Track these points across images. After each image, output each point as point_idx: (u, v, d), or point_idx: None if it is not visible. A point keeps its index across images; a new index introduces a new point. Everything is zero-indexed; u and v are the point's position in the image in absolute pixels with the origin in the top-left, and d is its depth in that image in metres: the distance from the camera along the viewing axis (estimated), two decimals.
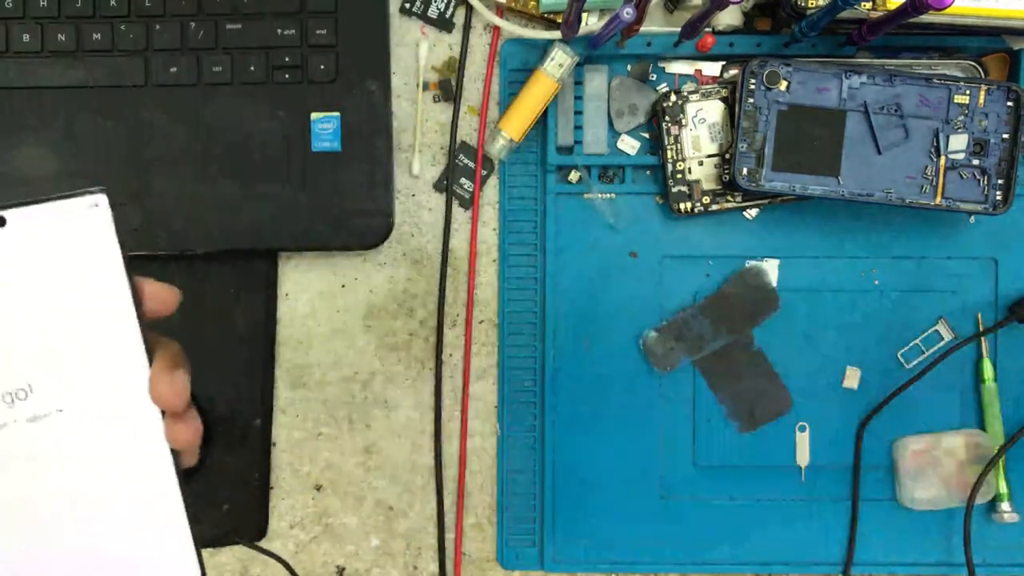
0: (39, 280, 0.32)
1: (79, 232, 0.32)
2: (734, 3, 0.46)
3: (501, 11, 0.57)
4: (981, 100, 0.54)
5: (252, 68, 0.55)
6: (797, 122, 0.54)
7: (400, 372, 0.59)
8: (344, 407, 0.59)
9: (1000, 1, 0.52)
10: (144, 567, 0.33)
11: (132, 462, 0.33)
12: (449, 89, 0.58)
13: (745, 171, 0.54)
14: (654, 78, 0.58)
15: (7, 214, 0.31)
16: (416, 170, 0.58)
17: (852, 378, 0.58)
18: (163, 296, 0.33)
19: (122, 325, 0.32)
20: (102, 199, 0.32)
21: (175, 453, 0.33)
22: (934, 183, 0.54)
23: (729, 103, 0.56)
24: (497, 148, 0.56)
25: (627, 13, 0.45)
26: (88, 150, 0.55)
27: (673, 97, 0.56)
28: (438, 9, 0.58)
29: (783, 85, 0.54)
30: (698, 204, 0.57)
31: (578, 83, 0.57)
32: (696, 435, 0.58)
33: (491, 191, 0.59)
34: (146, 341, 0.32)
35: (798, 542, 0.58)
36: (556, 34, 0.56)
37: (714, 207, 0.57)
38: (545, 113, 0.57)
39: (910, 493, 0.57)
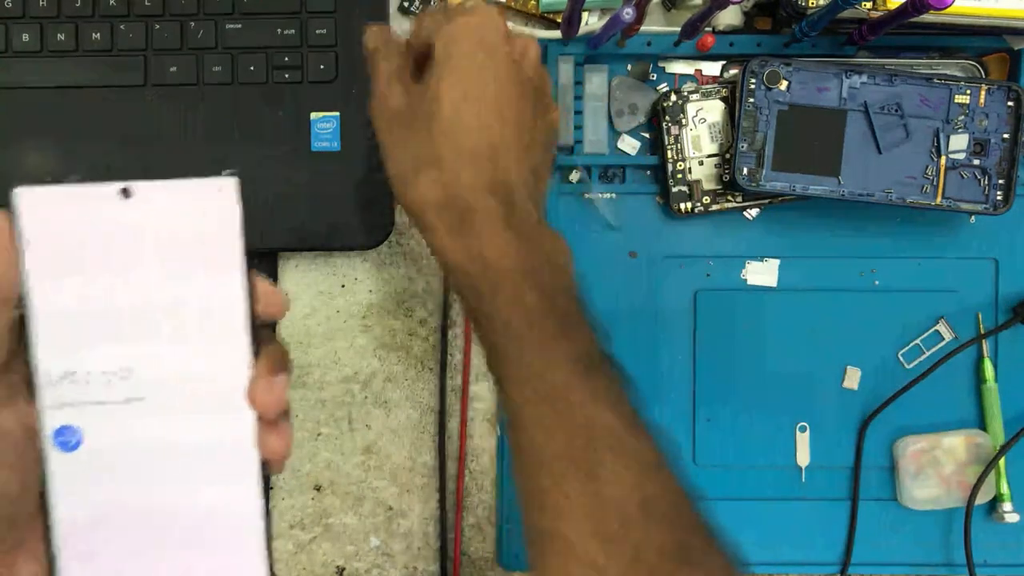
0: (156, 259, 0.31)
1: (203, 215, 0.31)
2: (734, 3, 0.46)
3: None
4: (982, 100, 0.54)
5: (252, 68, 0.55)
6: (797, 122, 0.54)
7: (400, 372, 0.59)
8: (344, 407, 0.59)
9: (1000, 1, 0.52)
10: (216, 564, 0.32)
11: (219, 462, 0.32)
12: None
13: (745, 171, 0.54)
14: (654, 78, 0.58)
15: (135, 186, 0.30)
16: None
17: (852, 378, 0.58)
18: (275, 300, 0.32)
19: (232, 317, 0.31)
20: (230, 183, 0.31)
21: (264, 462, 0.32)
22: (934, 183, 0.54)
23: (729, 103, 0.56)
24: None
25: (627, 13, 0.45)
26: (87, 150, 0.55)
27: (673, 97, 0.56)
28: None
29: (783, 85, 0.54)
30: (698, 204, 0.57)
31: (578, 83, 0.57)
32: (696, 435, 0.58)
33: None
34: (254, 340, 0.31)
35: (798, 542, 0.58)
36: (556, 34, 0.55)
37: (714, 207, 0.57)
38: None
39: (910, 493, 0.57)
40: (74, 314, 0.30)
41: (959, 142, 0.54)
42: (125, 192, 0.30)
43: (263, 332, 0.32)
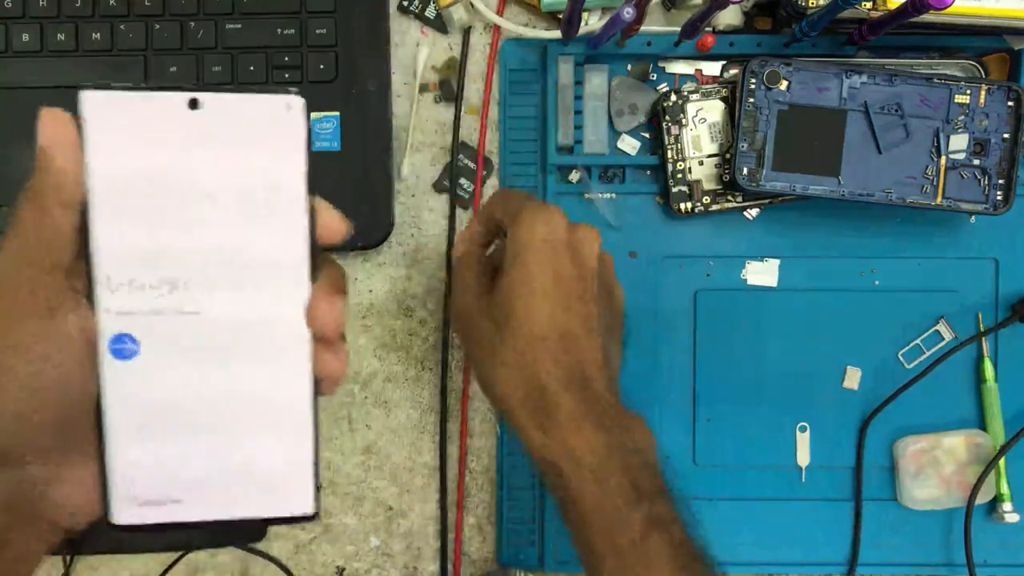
0: (221, 171, 0.30)
1: (270, 129, 0.31)
2: (734, 3, 0.46)
3: (503, 4, 0.58)
4: (982, 100, 0.54)
5: (252, 68, 0.55)
6: (797, 122, 0.54)
7: (400, 372, 0.59)
8: (344, 407, 0.59)
9: (1000, 1, 0.52)
10: (265, 485, 0.32)
11: (274, 379, 0.32)
12: (449, 89, 0.58)
13: (745, 171, 0.54)
14: (654, 78, 0.58)
15: (203, 97, 0.30)
16: (405, 172, 0.58)
17: (852, 378, 0.58)
18: (336, 224, 0.32)
19: (294, 234, 0.31)
20: (298, 101, 0.31)
21: (317, 381, 0.32)
22: (935, 183, 0.54)
23: (729, 103, 0.56)
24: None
25: (627, 13, 0.45)
26: None
27: (673, 97, 0.56)
28: (436, 9, 0.58)
29: (783, 85, 0.54)
30: (698, 204, 0.57)
31: (578, 83, 0.57)
32: (696, 435, 0.58)
33: (491, 191, 0.59)
34: (313, 259, 0.31)
35: (798, 542, 0.58)
36: (556, 33, 0.56)
37: (714, 207, 0.57)
38: (545, 113, 0.57)
39: (910, 493, 0.57)
40: (135, 222, 0.30)
41: (959, 142, 0.54)
42: (193, 103, 0.30)
43: (322, 254, 0.32)
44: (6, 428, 0.29)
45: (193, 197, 0.30)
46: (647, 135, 0.58)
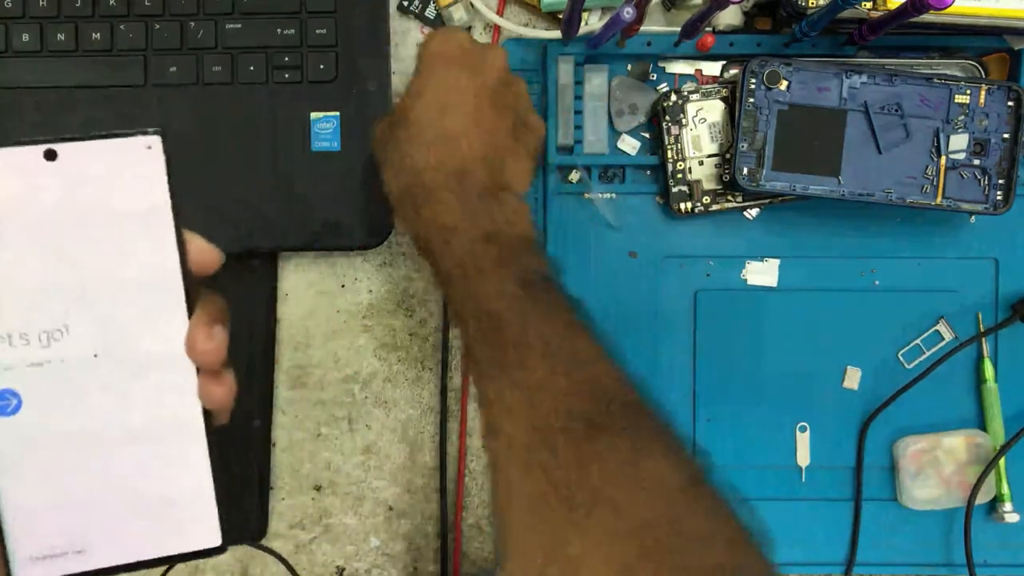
0: (86, 218, 0.31)
1: (131, 172, 0.31)
2: (734, 3, 0.46)
3: (503, 4, 0.58)
4: (982, 100, 0.54)
5: (252, 68, 0.55)
6: (797, 122, 0.54)
7: (400, 372, 0.59)
8: (344, 407, 0.59)
9: (1001, 1, 0.52)
10: (168, 522, 0.32)
11: (163, 415, 0.32)
12: None
13: (745, 171, 0.54)
14: (654, 78, 0.58)
15: (60, 148, 0.30)
16: None
17: (852, 378, 0.58)
18: (207, 254, 0.32)
19: (165, 272, 0.31)
20: (156, 141, 0.31)
21: (207, 412, 0.32)
22: (935, 183, 0.54)
23: (729, 103, 0.56)
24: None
25: (627, 13, 0.45)
26: None
27: (673, 97, 0.56)
28: (436, 9, 0.58)
29: (783, 85, 0.54)
30: (698, 204, 0.57)
31: (578, 83, 0.57)
32: (696, 435, 0.58)
33: None
34: (188, 293, 0.32)
35: (798, 542, 0.58)
36: (556, 34, 0.55)
37: (714, 207, 0.57)
38: (545, 112, 0.57)
39: (911, 493, 0.57)
40: (4, 278, 0.30)
41: (959, 142, 0.54)
42: (49, 153, 0.30)
43: (199, 287, 0.32)
44: None
45: (62, 245, 0.31)
46: (647, 135, 0.58)
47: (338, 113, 0.55)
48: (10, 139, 0.30)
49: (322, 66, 0.55)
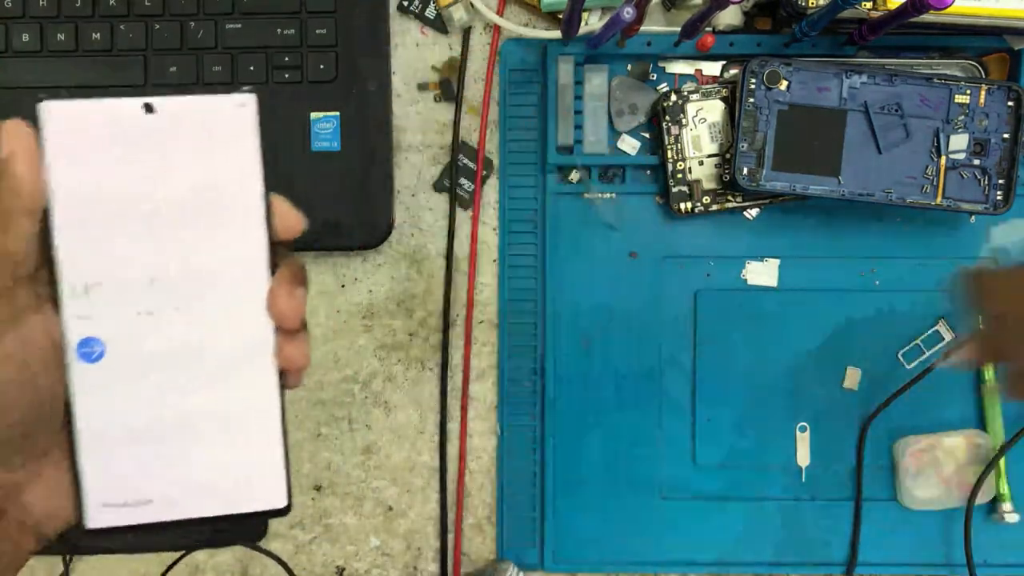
0: (178, 173, 0.31)
1: (224, 130, 0.32)
2: (734, 3, 0.46)
3: (503, 4, 0.58)
4: (982, 100, 0.54)
5: (252, 68, 0.55)
6: (797, 122, 0.54)
7: (400, 372, 0.59)
8: (344, 407, 0.59)
9: (1000, 1, 0.52)
10: (236, 480, 0.33)
11: (239, 373, 0.32)
12: (449, 89, 0.58)
13: (745, 171, 0.54)
14: (654, 78, 0.58)
15: (157, 102, 0.31)
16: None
17: (852, 378, 0.58)
18: (292, 219, 0.33)
19: (251, 230, 0.32)
20: (251, 99, 0.32)
21: (282, 373, 0.33)
22: (935, 183, 0.54)
23: (729, 103, 0.56)
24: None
25: (627, 13, 0.45)
26: None
27: (673, 97, 0.56)
28: (436, 9, 0.58)
29: (783, 85, 0.54)
30: (698, 204, 0.57)
31: (578, 83, 0.57)
32: (696, 435, 0.58)
33: (491, 191, 0.59)
34: (272, 254, 0.32)
35: (798, 542, 0.58)
36: (556, 33, 0.55)
37: (714, 207, 0.57)
38: (545, 113, 0.57)
39: (911, 493, 0.57)
40: (97, 225, 0.31)
41: (959, 142, 0.54)
42: (148, 107, 0.31)
43: (281, 248, 0.33)
44: None
45: (152, 199, 0.31)
46: (647, 135, 0.58)
47: (338, 113, 0.55)
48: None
49: (322, 66, 0.55)
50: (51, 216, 0.30)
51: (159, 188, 0.31)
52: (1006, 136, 0.54)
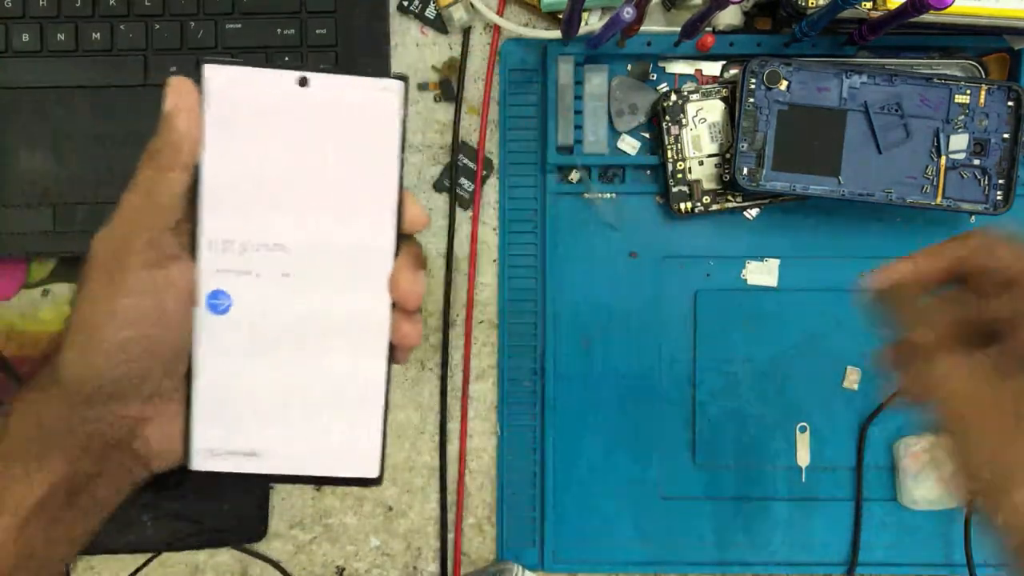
0: (323, 147, 0.33)
1: (371, 111, 0.33)
2: (734, 3, 0.46)
3: (503, 4, 0.58)
4: (982, 100, 0.54)
5: None
6: (797, 122, 0.54)
7: (400, 372, 0.59)
8: None
9: (1000, 1, 0.52)
10: (335, 445, 0.34)
11: (353, 341, 0.34)
12: (449, 89, 0.58)
13: (745, 171, 0.54)
14: (654, 78, 0.58)
15: (312, 77, 0.33)
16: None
17: (852, 378, 0.58)
18: (418, 213, 0.34)
19: (383, 211, 0.33)
20: (398, 86, 0.33)
21: (392, 348, 0.34)
22: (935, 183, 0.54)
23: (729, 103, 0.56)
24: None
25: (627, 13, 0.45)
26: (87, 150, 0.55)
27: (673, 97, 0.56)
28: (436, 9, 0.58)
29: (783, 85, 0.54)
30: (698, 204, 0.57)
31: (578, 83, 0.57)
32: (696, 435, 0.58)
33: (491, 191, 0.59)
34: (397, 238, 0.34)
35: (798, 543, 0.58)
36: (556, 33, 0.55)
37: (714, 207, 0.57)
38: (545, 112, 0.57)
39: (911, 493, 0.57)
40: (240, 186, 0.33)
41: (959, 142, 0.54)
42: (303, 80, 0.33)
43: (404, 235, 0.34)
44: (113, 358, 0.31)
45: (296, 170, 0.33)
46: (647, 135, 0.58)
47: None
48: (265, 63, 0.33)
49: (322, 66, 0.55)
50: (200, 172, 0.32)
51: (303, 159, 0.33)
52: (1006, 136, 0.54)
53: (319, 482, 0.35)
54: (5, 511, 0.31)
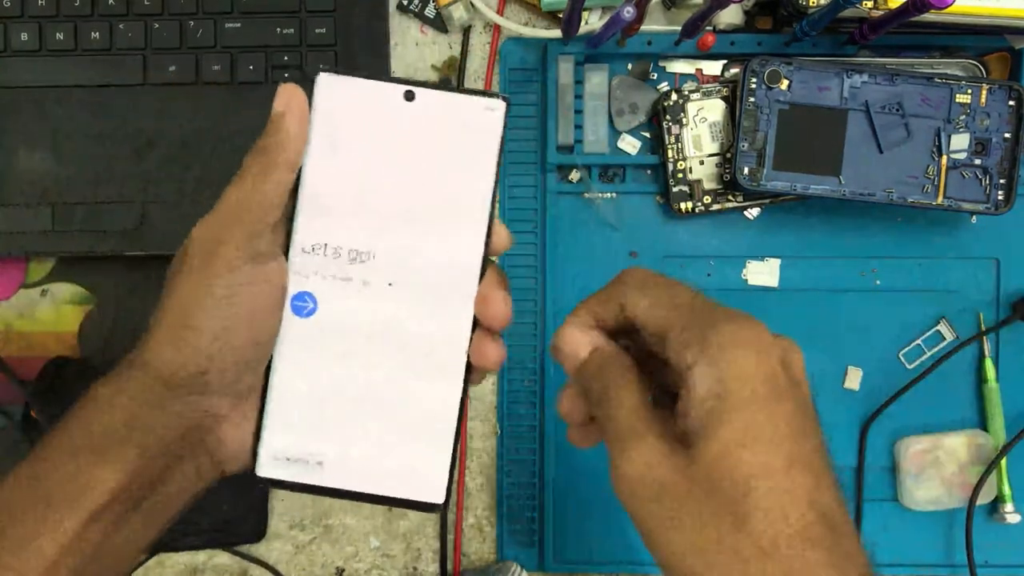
0: (422, 161, 0.33)
1: (472, 130, 0.33)
2: (735, 2, 0.46)
3: (503, 3, 0.57)
4: (983, 99, 0.54)
5: (251, 67, 0.55)
6: (798, 121, 0.54)
7: None
8: None
9: (1001, 0, 0.52)
10: (402, 465, 0.34)
11: (432, 360, 0.34)
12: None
13: (746, 170, 0.54)
14: (655, 77, 0.58)
15: (418, 91, 0.33)
16: None
17: (853, 378, 0.58)
18: (506, 235, 0.34)
19: (474, 231, 0.33)
20: (500, 105, 0.34)
21: (470, 368, 0.34)
22: (936, 183, 0.54)
23: (730, 102, 0.56)
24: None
25: (627, 12, 0.45)
26: (86, 149, 0.55)
27: (674, 96, 0.56)
28: (436, 9, 0.58)
29: (784, 84, 0.54)
30: (699, 204, 0.57)
31: (579, 82, 0.57)
32: None
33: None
34: (484, 259, 0.34)
35: None
36: (556, 33, 0.55)
37: (715, 207, 0.57)
38: (545, 112, 0.57)
39: (912, 493, 0.57)
40: (338, 193, 0.33)
41: (960, 141, 0.54)
42: (409, 95, 0.33)
43: (488, 259, 0.34)
44: (203, 347, 0.32)
45: (394, 181, 0.33)
46: (647, 135, 0.58)
47: None
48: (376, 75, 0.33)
49: (321, 65, 0.55)
50: (302, 175, 0.33)
51: (402, 171, 0.33)
52: (1007, 136, 0.54)
53: (381, 502, 0.34)
54: (70, 512, 0.30)
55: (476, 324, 0.34)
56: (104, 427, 0.32)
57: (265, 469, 0.33)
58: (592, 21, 0.56)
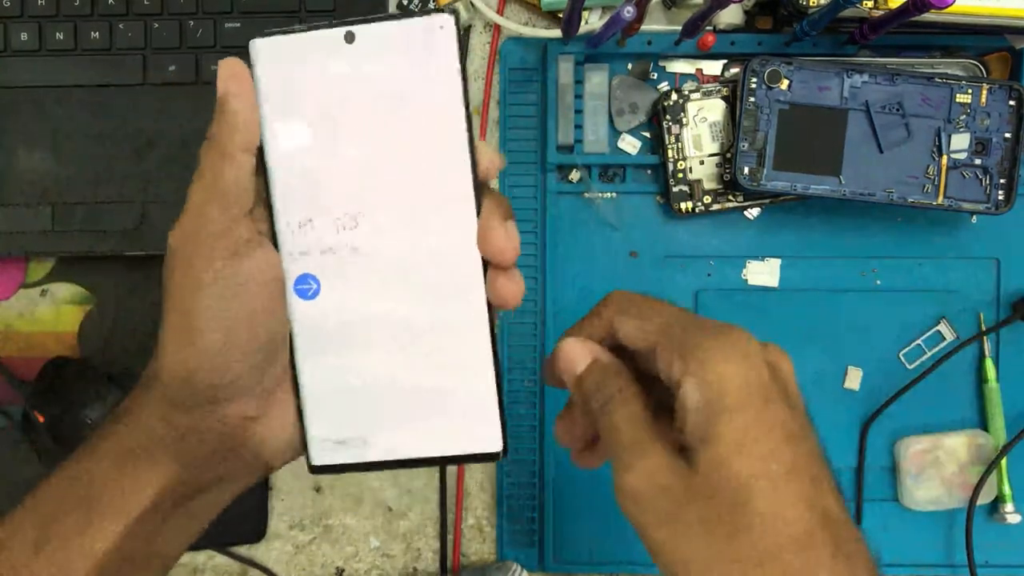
0: (384, 102, 0.31)
1: (423, 54, 0.31)
2: (735, 2, 0.46)
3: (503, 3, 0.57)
4: (983, 99, 0.54)
5: None
6: (798, 121, 0.54)
7: None
8: None
9: (1002, 0, 0.52)
10: (450, 421, 0.32)
11: (450, 312, 0.32)
12: None
13: (746, 170, 0.54)
14: (655, 77, 0.58)
15: (356, 30, 0.31)
16: None
17: (854, 378, 0.58)
18: (493, 156, 0.32)
19: (457, 161, 0.31)
20: (448, 20, 0.31)
21: (491, 308, 0.32)
22: (936, 183, 0.54)
23: (730, 102, 0.56)
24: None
25: (627, 12, 0.45)
26: (86, 149, 0.55)
27: (674, 96, 0.56)
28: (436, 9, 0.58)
29: (784, 84, 0.54)
30: (699, 204, 0.57)
31: (578, 82, 0.57)
32: None
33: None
34: (476, 189, 0.31)
35: None
36: (556, 32, 0.55)
37: (715, 207, 0.57)
38: (545, 112, 0.57)
39: (912, 494, 0.57)
40: (307, 160, 0.31)
41: (960, 141, 0.54)
42: (349, 36, 0.31)
43: (484, 185, 0.32)
44: (208, 364, 0.30)
45: (361, 131, 0.31)
46: (647, 134, 0.58)
47: None
48: (309, 25, 0.31)
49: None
50: (265, 152, 0.31)
51: (365, 119, 0.31)
52: (1008, 136, 0.54)
53: (443, 463, 0.32)
54: (113, 516, 0.30)
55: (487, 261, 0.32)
56: (137, 440, 0.31)
57: (319, 458, 0.32)
58: (592, 21, 0.56)
